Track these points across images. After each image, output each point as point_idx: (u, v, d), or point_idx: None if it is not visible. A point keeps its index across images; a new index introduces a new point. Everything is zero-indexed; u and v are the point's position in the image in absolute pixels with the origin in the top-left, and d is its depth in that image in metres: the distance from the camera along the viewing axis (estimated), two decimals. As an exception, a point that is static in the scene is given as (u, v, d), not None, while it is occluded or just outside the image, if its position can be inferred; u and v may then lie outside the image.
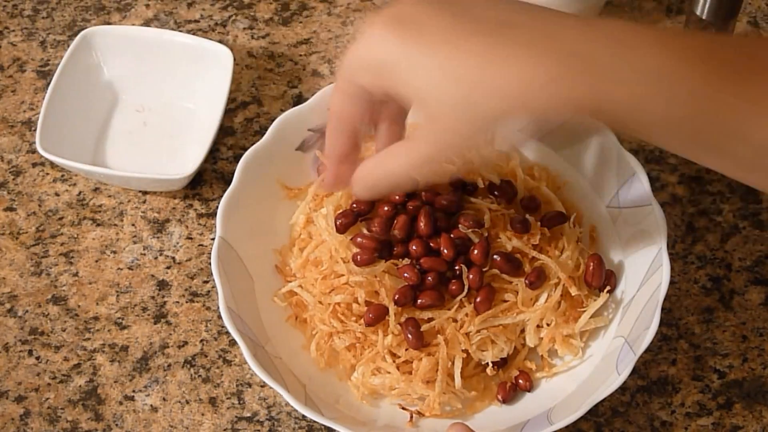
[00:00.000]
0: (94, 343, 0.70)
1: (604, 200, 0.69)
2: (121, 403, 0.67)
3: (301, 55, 0.84)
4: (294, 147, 0.72)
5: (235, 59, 0.77)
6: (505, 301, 0.64)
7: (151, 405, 0.67)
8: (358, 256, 0.64)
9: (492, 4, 0.52)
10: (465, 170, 0.69)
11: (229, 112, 0.80)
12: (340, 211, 0.66)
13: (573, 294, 0.64)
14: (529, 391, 0.64)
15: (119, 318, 0.71)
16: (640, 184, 0.67)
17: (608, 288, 0.65)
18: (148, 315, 0.71)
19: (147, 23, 0.86)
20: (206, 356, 0.69)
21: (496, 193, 0.68)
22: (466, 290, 0.63)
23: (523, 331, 0.64)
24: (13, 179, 0.78)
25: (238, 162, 0.69)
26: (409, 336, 0.62)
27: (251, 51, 0.84)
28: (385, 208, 0.66)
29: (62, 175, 0.78)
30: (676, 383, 0.67)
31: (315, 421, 0.63)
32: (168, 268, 0.73)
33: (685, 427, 0.65)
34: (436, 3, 0.52)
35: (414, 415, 0.63)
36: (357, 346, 0.65)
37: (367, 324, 0.63)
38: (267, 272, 0.69)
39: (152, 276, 0.72)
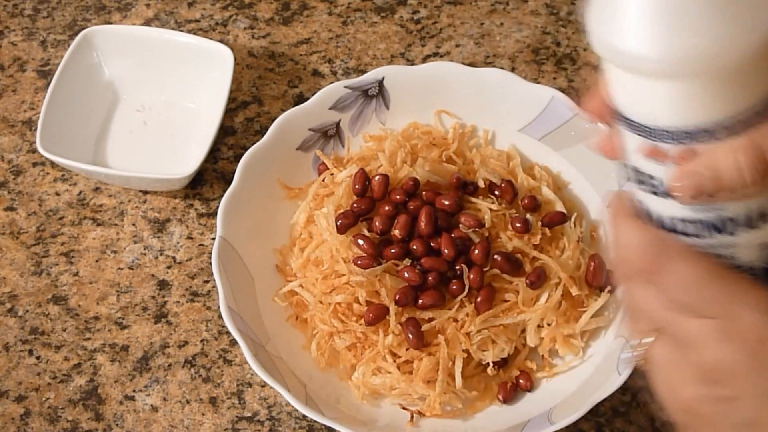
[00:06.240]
0: (95, 342, 0.70)
1: (605, 200, 0.69)
2: (121, 403, 0.67)
3: (301, 55, 0.84)
4: (294, 147, 0.72)
5: (235, 59, 0.77)
6: (506, 301, 0.64)
7: (152, 405, 0.67)
8: (359, 260, 0.64)
9: None
10: (465, 170, 0.69)
11: (229, 111, 0.80)
12: (341, 211, 0.66)
13: (574, 294, 0.64)
14: (529, 391, 0.64)
15: (119, 318, 0.71)
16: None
17: (609, 288, 0.65)
18: (149, 315, 0.71)
19: (147, 23, 0.86)
20: (207, 356, 0.69)
21: (496, 193, 0.68)
22: (466, 290, 0.63)
23: (523, 331, 0.64)
24: (14, 179, 0.78)
25: (238, 162, 0.69)
26: (410, 336, 0.62)
27: (252, 51, 0.84)
28: (386, 208, 0.66)
29: (63, 175, 0.78)
30: (676, 383, 0.67)
31: (315, 421, 0.63)
32: (168, 267, 0.73)
33: (686, 427, 0.65)
34: None
35: (414, 414, 0.63)
36: (357, 346, 0.64)
37: (368, 324, 0.63)
38: (267, 272, 0.69)
39: (153, 276, 0.72)
